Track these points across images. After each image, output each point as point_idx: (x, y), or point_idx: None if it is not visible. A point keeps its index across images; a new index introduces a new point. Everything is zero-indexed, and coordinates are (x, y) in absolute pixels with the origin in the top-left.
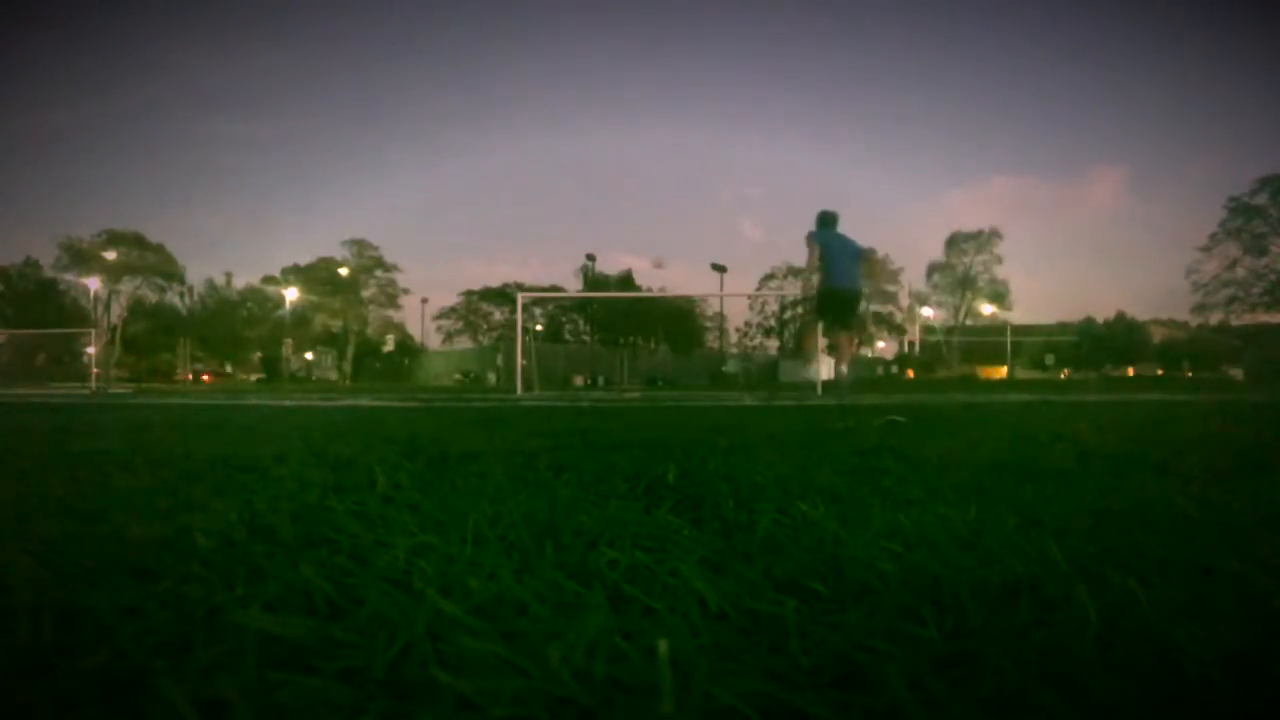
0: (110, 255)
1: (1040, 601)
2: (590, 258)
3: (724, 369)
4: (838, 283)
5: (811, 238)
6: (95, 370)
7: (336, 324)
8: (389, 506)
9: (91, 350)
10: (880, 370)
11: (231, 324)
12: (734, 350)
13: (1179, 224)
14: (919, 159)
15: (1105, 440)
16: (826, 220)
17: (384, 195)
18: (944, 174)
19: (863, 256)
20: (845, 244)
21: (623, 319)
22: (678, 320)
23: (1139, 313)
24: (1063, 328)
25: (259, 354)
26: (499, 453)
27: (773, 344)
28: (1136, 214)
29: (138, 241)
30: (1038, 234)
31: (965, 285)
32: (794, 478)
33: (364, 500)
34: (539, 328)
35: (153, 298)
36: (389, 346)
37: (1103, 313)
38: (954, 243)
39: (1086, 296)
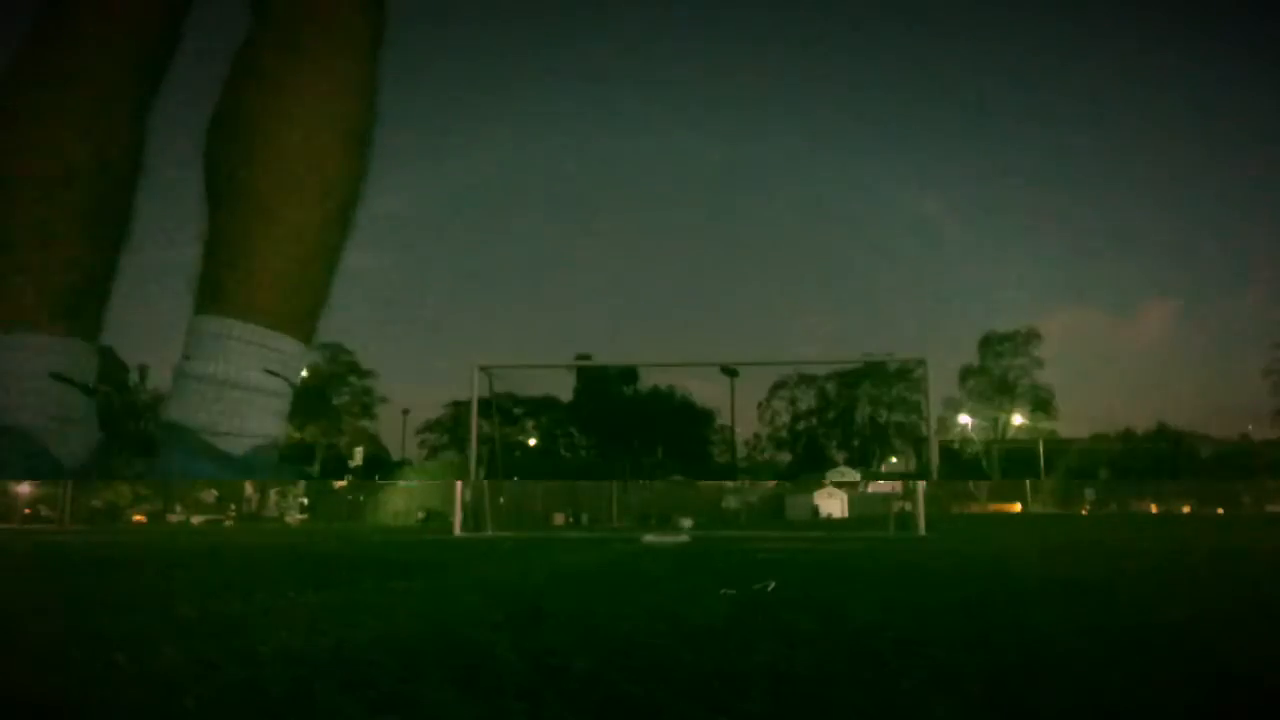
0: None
1: None
2: (584, 356)
3: (722, 505)
4: None
5: None
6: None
7: (298, 436)
8: None
9: (25, 487)
10: (897, 507)
11: None
12: (744, 463)
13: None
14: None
15: None
16: None
17: (368, 298)
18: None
19: None
20: None
21: (623, 425)
22: (685, 428)
23: (1181, 424)
24: (1096, 440)
25: (214, 492)
26: None
27: (784, 456)
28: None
29: None
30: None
31: (1003, 392)
32: None
33: None
34: (531, 441)
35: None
36: (356, 460)
37: (1142, 425)
38: (988, 343)
39: (1122, 409)
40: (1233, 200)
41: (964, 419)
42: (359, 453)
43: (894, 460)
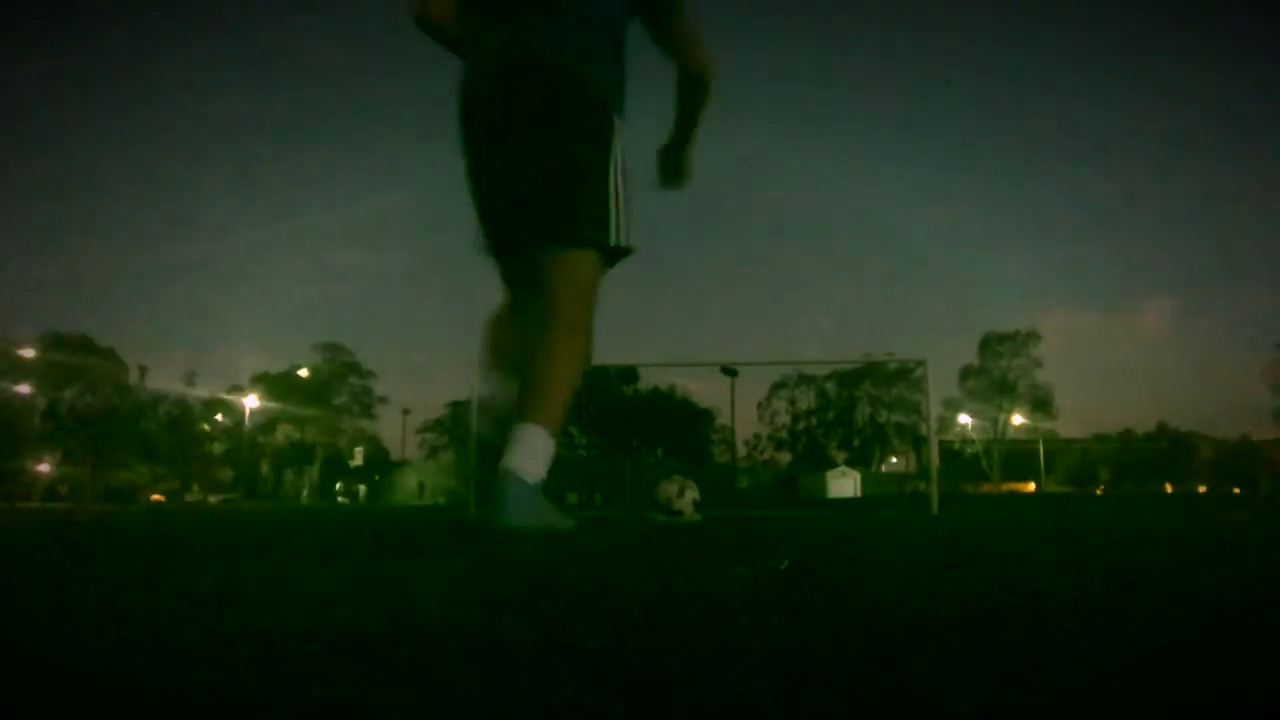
0: (29, 354)
1: None
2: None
3: (736, 485)
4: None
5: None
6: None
7: (298, 436)
8: None
9: (45, 466)
10: (910, 486)
11: (190, 438)
12: (744, 464)
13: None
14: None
15: None
16: None
17: (368, 298)
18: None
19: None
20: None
21: (624, 425)
22: (685, 427)
23: (1180, 425)
24: (1096, 440)
25: (230, 471)
26: None
27: (784, 456)
28: (1184, 342)
29: (84, 345)
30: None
31: (1003, 392)
32: None
33: None
34: None
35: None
36: (357, 460)
37: (1141, 425)
38: (988, 344)
39: (1122, 409)
40: (1233, 200)
41: (964, 419)
42: (359, 453)
43: (894, 460)
